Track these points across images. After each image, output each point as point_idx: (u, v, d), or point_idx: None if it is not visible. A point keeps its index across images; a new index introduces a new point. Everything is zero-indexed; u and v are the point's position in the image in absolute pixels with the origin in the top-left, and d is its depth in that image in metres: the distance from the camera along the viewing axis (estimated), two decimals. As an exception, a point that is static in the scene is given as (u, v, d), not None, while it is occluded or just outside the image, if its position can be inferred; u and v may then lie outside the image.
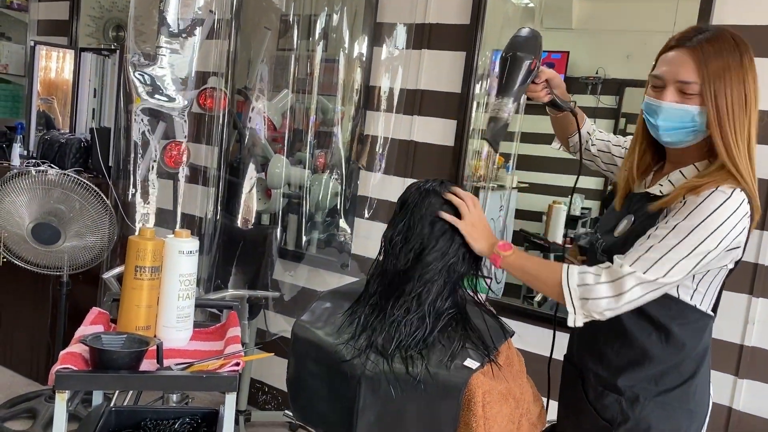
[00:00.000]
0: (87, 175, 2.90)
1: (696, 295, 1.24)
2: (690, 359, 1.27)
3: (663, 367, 1.27)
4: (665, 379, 1.27)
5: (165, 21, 2.03)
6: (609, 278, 1.18)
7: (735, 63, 1.18)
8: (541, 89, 1.45)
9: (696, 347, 1.27)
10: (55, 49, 3.40)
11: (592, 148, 1.57)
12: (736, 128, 1.18)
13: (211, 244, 2.51)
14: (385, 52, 2.49)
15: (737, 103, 1.17)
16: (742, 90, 1.18)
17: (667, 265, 1.15)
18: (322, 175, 2.55)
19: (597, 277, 1.19)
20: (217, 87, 2.34)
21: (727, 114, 1.17)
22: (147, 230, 1.34)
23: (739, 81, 1.17)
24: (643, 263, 1.16)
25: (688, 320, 1.25)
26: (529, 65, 1.37)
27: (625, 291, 1.16)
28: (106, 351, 1.16)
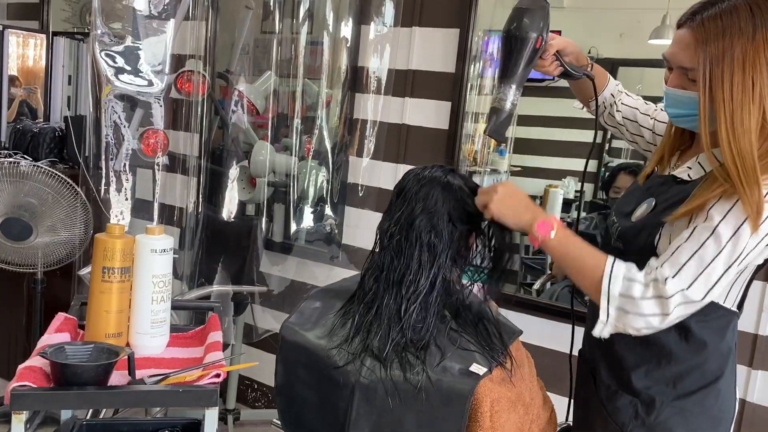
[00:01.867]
0: (62, 166, 2.76)
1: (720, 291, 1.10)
2: (713, 360, 1.15)
3: (683, 368, 1.15)
4: (685, 381, 1.15)
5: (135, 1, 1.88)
6: (656, 293, 1.03)
7: (742, 41, 1.01)
8: (549, 63, 1.28)
9: (719, 346, 1.15)
10: (32, 35, 3.23)
11: (617, 114, 1.40)
12: (735, 122, 1.01)
13: (193, 238, 2.38)
14: (373, 31, 2.35)
15: (741, 91, 1.01)
16: (749, 74, 1.00)
17: (713, 277, 1.02)
18: (309, 161, 2.42)
19: (645, 289, 1.04)
20: (192, 69, 2.19)
21: (724, 106, 1.01)
22: (115, 227, 1.21)
23: (745, 63, 1.00)
24: (687, 278, 1.02)
25: (709, 317, 1.12)
26: (534, 44, 1.20)
27: (670, 312, 1.03)
28: (68, 365, 1.04)
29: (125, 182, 2.02)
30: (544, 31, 1.22)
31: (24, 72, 3.24)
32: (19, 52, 3.23)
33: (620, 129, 1.41)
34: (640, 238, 1.14)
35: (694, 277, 1.02)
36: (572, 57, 1.31)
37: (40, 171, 2.23)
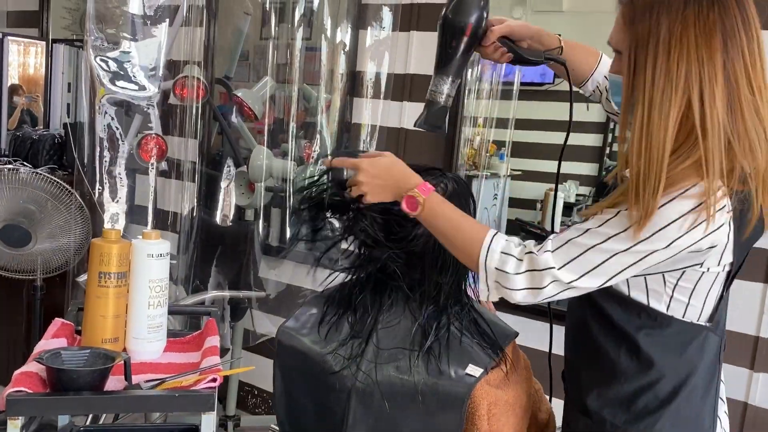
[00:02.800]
0: (61, 172, 2.76)
1: (675, 304, 0.99)
2: (667, 380, 1.00)
3: (633, 388, 1.02)
4: (638, 404, 1.02)
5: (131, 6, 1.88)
6: (529, 267, 0.97)
7: (670, 18, 0.88)
8: (492, 51, 1.17)
9: (675, 364, 1.00)
10: (33, 43, 3.25)
11: (613, 101, 1.26)
12: (653, 111, 0.89)
13: (191, 243, 2.38)
14: (370, 36, 2.35)
15: (664, 75, 0.88)
16: (674, 56, 0.87)
17: (586, 266, 0.94)
18: (308, 166, 2.42)
19: (518, 264, 0.98)
20: (189, 75, 2.19)
21: (644, 92, 0.89)
22: (111, 232, 1.21)
23: (671, 44, 0.88)
24: (562, 256, 0.95)
25: (660, 332, 1.00)
26: (464, 32, 1.13)
27: (543, 286, 0.96)
28: (64, 370, 1.03)
29: (120, 186, 2.01)
30: (479, 17, 1.14)
31: (25, 80, 3.26)
32: (20, 60, 3.24)
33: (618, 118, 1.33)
34: None
35: (568, 259, 0.95)
36: (531, 41, 1.20)
37: (39, 178, 2.23)
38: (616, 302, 1.01)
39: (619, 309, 1.01)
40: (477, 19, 1.14)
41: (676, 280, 0.98)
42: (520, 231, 3.10)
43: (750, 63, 0.90)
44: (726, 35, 0.88)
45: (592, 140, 3.22)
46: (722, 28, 0.88)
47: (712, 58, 0.88)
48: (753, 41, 0.90)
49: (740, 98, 0.89)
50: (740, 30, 0.89)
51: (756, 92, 0.90)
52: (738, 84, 0.89)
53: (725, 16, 0.88)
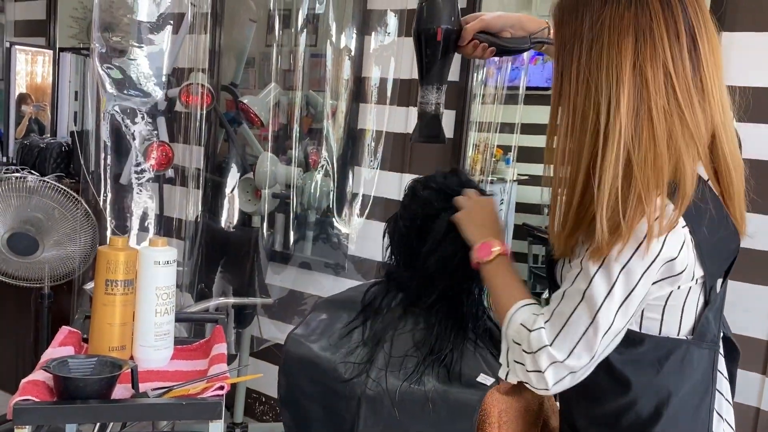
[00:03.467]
0: (68, 180, 2.77)
1: (647, 322, 0.94)
2: (646, 398, 0.94)
3: (615, 408, 0.97)
4: (622, 422, 0.97)
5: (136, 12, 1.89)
6: (534, 368, 0.92)
7: (590, 15, 0.83)
8: (472, 50, 1.15)
9: (651, 383, 0.94)
10: (41, 52, 3.26)
11: None
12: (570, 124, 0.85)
13: (198, 249, 2.38)
14: (376, 41, 2.35)
15: (573, 79, 0.83)
16: (584, 59, 0.82)
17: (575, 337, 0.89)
18: (314, 172, 2.42)
19: (532, 361, 0.94)
20: (193, 82, 2.20)
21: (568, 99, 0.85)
22: (118, 239, 1.21)
23: (583, 44, 0.83)
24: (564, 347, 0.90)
25: (633, 350, 0.94)
26: (434, 37, 1.11)
27: (550, 387, 0.92)
28: (71, 379, 1.03)
29: (129, 195, 2.02)
30: (449, 20, 1.12)
31: (33, 89, 3.27)
32: (28, 69, 3.26)
33: None
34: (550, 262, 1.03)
35: (572, 346, 0.89)
36: (512, 30, 1.15)
37: (46, 186, 2.23)
38: None
39: None
40: (448, 21, 1.12)
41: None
42: (527, 236, 3.10)
43: (674, 69, 0.82)
44: (641, 35, 0.82)
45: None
46: (636, 28, 0.82)
47: (622, 60, 0.82)
48: (679, 42, 0.83)
49: (650, 105, 0.82)
50: (660, 30, 0.82)
51: (681, 100, 0.83)
52: (648, 89, 0.82)
53: (641, 16, 0.82)
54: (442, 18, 1.12)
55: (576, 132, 0.85)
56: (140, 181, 2.11)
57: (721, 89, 0.88)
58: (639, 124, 0.82)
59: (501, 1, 2.31)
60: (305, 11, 2.35)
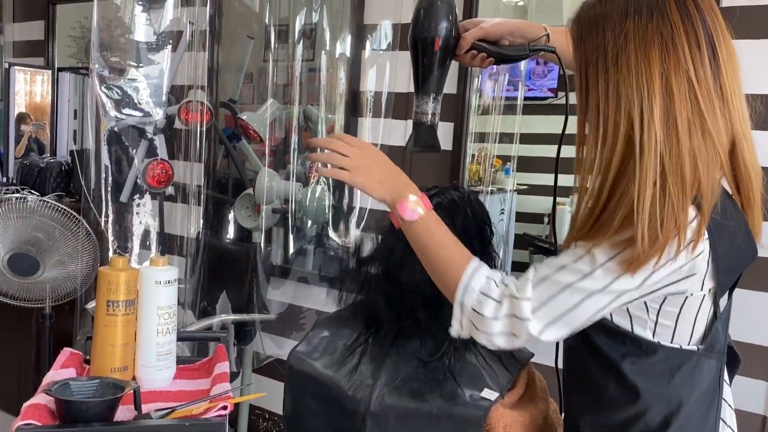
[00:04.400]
0: (68, 200, 2.77)
1: (661, 329, 0.94)
2: (656, 408, 0.95)
3: (625, 417, 0.96)
4: (632, 431, 0.97)
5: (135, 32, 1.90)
6: (509, 311, 0.91)
7: (613, 29, 0.84)
8: (470, 59, 1.13)
9: (662, 392, 0.94)
10: (39, 72, 3.28)
11: None
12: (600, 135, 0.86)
13: (198, 266, 2.38)
14: (373, 55, 2.36)
15: (603, 91, 0.85)
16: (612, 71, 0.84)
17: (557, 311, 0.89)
18: (315, 187, 2.42)
19: (498, 307, 0.92)
20: (193, 100, 2.21)
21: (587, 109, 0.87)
22: (119, 259, 1.20)
23: (618, 59, 0.84)
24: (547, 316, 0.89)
25: (646, 360, 0.94)
26: (432, 46, 1.08)
27: (520, 336, 0.92)
28: (73, 402, 1.02)
29: (129, 214, 2.02)
30: (446, 28, 1.09)
31: (32, 108, 3.29)
32: (27, 89, 3.27)
33: None
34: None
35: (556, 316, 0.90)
36: (511, 37, 1.14)
37: (46, 205, 2.23)
38: (601, 330, 0.96)
39: (603, 336, 0.96)
40: (444, 30, 1.09)
41: (659, 306, 0.93)
42: (528, 246, 3.09)
43: (696, 77, 0.84)
44: (664, 47, 0.83)
45: (597, 152, 3.23)
46: (660, 39, 0.83)
47: (651, 71, 0.83)
48: (700, 52, 0.84)
49: (675, 115, 0.83)
50: (681, 41, 0.83)
51: (704, 109, 0.84)
52: (673, 100, 0.83)
53: (663, 27, 0.83)
54: (439, 26, 1.09)
55: (606, 142, 0.86)
56: (141, 200, 2.11)
57: (740, 97, 0.89)
58: (670, 134, 0.83)
59: (496, 8, 2.33)
60: (301, 26, 2.37)
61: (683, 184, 0.83)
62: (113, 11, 1.87)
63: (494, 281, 0.95)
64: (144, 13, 1.90)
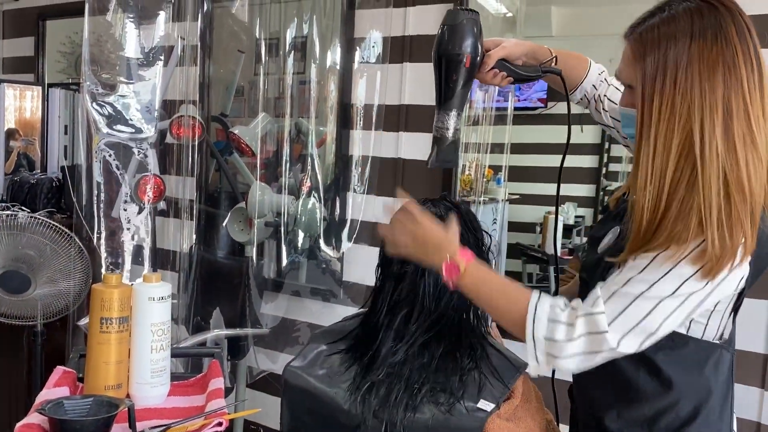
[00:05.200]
0: (59, 216, 2.75)
1: (695, 326, 1.01)
2: (687, 399, 1.02)
3: (654, 409, 1.03)
4: (660, 423, 1.03)
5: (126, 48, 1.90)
6: (586, 329, 0.95)
7: (678, 53, 0.91)
8: (492, 77, 1.17)
9: (694, 383, 1.02)
10: (29, 87, 3.27)
11: (603, 114, 1.27)
12: (658, 141, 0.92)
13: (190, 281, 2.37)
14: (363, 68, 2.38)
15: (670, 108, 0.91)
16: (680, 89, 0.90)
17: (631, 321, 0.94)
18: (307, 200, 2.42)
19: (570, 330, 0.95)
20: (185, 114, 2.21)
21: (651, 124, 0.92)
22: (112, 276, 1.20)
23: (677, 77, 0.91)
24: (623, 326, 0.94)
25: (678, 352, 1.01)
26: (463, 63, 1.10)
27: (601, 350, 0.95)
28: (67, 421, 1.01)
29: (122, 230, 2.01)
30: (475, 45, 1.12)
31: (22, 124, 3.27)
32: (17, 104, 3.26)
33: (611, 131, 1.30)
34: (599, 271, 1.05)
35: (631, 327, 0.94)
36: (525, 58, 1.20)
37: (37, 222, 2.22)
38: None
39: None
40: (473, 47, 1.12)
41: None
42: (521, 255, 3.10)
43: (750, 97, 0.91)
44: (726, 69, 0.91)
45: (588, 162, 3.24)
46: (723, 61, 0.91)
47: (714, 90, 0.90)
48: (753, 74, 0.92)
49: (734, 131, 0.91)
50: (740, 64, 0.91)
51: (753, 126, 0.91)
52: (732, 117, 0.91)
53: (726, 51, 0.91)
54: (469, 44, 1.10)
55: (666, 153, 0.92)
56: (133, 215, 2.10)
57: None
58: (729, 148, 0.91)
59: (485, 19, 2.35)
60: (292, 38, 2.38)
61: (743, 194, 0.90)
62: (104, 27, 1.87)
63: (559, 307, 0.99)
64: (135, 29, 1.90)
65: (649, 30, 0.95)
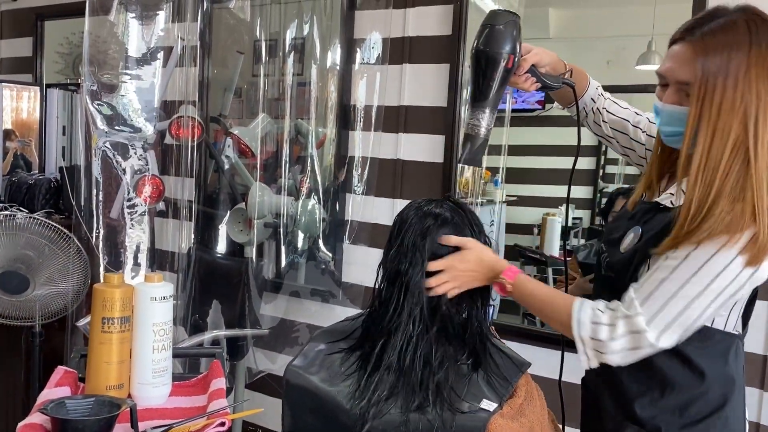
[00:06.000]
0: (58, 216, 2.75)
1: (719, 318, 1.09)
2: (716, 387, 1.11)
3: (687, 397, 1.11)
4: (691, 410, 1.11)
5: (126, 48, 1.90)
6: (627, 329, 1.05)
7: (739, 57, 1.00)
8: (524, 81, 1.21)
9: (722, 372, 1.11)
10: (26, 88, 3.27)
11: (603, 125, 1.34)
12: (715, 135, 1.00)
13: (189, 282, 2.36)
14: (362, 69, 2.38)
15: (730, 106, 0.99)
16: (740, 90, 0.99)
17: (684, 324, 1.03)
18: (306, 201, 2.42)
19: (612, 330, 1.06)
20: (184, 115, 2.20)
21: (709, 119, 1.00)
22: (113, 276, 1.20)
23: (738, 80, 1.00)
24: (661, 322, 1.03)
25: (706, 344, 1.09)
26: (506, 64, 1.13)
27: (642, 347, 1.05)
28: (69, 421, 1.01)
29: (121, 229, 2.01)
30: (516, 47, 1.14)
31: (18, 125, 3.26)
32: (13, 105, 3.25)
33: (611, 142, 1.36)
34: (629, 270, 1.12)
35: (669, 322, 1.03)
36: (549, 67, 1.26)
37: (36, 222, 2.22)
38: None
39: None
40: (515, 49, 1.14)
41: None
42: (519, 257, 3.10)
43: None
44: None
45: (586, 164, 3.25)
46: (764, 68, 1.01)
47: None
48: None
49: None
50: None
51: None
52: None
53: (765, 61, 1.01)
54: (511, 44, 1.13)
55: (722, 146, 1.00)
56: (132, 216, 2.10)
57: None
58: None
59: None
60: (292, 39, 2.38)
61: None
62: (105, 27, 1.87)
63: (599, 309, 1.08)
64: (135, 28, 1.90)
65: (710, 34, 1.03)
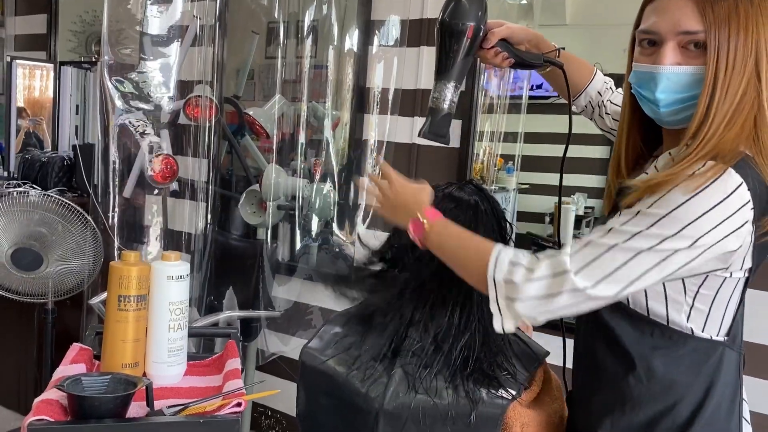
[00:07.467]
0: (71, 194, 2.75)
1: (695, 314, 0.95)
2: (686, 402, 0.95)
3: (650, 414, 0.96)
4: (658, 429, 0.97)
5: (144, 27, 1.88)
6: (549, 271, 0.90)
7: (745, 3, 0.90)
8: (494, 55, 1.16)
9: (692, 386, 0.95)
10: (39, 66, 3.26)
11: (606, 117, 1.27)
12: (729, 89, 0.90)
13: (202, 262, 2.36)
14: (380, 51, 2.35)
15: (740, 56, 0.90)
16: (751, 37, 0.90)
17: (605, 268, 0.88)
18: (321, 184, 2.41)
19: (529, 272, 0.92)
20: (202, 95, 2.19)
21: (725, 70, 0.90)
22: (130, 254, 1.19)
23: (748, 26, 0.90)
24: (580, 259, 0.89)
25: (676, 352, 0.95)
26: (465, 34, 1.10)
27: (558, 292, 0.90)
28: (85, 397, 1.01)
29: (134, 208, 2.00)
30: (479, 18, 1.12)
31: (30, 103, 3.26)
32: (26, 83, 3.24)
33: (612, 134, 1.25)
34: None
35: (585, 262, 0.89)
36: (528, 45, 1.20)
37: (49, 200, 2.21)
38: (626, 321, 0.97)
39: (629, 329, 0.96)
40: (478, 20, 1.12)
41: (697, 288, 0.93)
42: (531, 245, 3.09)
43: None
44: None
45: (599, 152, 3.22)
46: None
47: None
48: None
49: None
50: None
51: None
52: None
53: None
54: (473, 15, 1.11)
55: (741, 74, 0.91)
56: (146, 195, 2.09)
57: None
58: None
59: (501, 6, 2.32)
60: (311, 21, 2.35)
61: None
62: (123, 4, 1.85)
63: (522, 253, 0.96)
64: (154, 5, 1.88)
65: None
